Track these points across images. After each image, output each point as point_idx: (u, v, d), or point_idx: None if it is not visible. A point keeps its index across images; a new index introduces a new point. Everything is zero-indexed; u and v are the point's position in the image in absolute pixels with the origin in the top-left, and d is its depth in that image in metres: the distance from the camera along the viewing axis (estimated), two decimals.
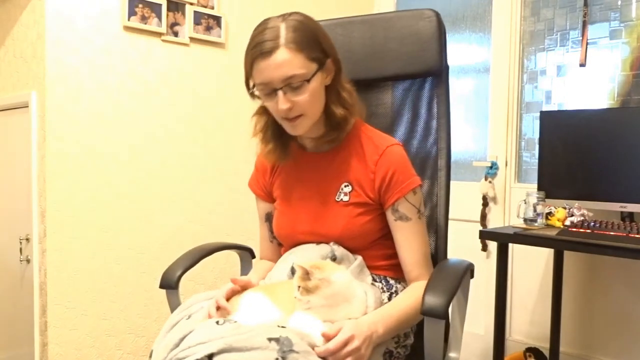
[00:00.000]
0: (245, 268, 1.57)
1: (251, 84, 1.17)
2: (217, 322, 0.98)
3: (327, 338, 0.97)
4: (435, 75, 1.46)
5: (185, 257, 1.38)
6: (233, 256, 1.61)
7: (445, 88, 1.46)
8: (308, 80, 1.12)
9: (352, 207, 1.22)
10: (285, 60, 1.09)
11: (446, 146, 1.43)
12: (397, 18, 1.42)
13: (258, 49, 1.10)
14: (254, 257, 1.57)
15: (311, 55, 1.13)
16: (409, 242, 1.22)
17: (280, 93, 1.11)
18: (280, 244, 1.37)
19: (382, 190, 1.20)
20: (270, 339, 0.91)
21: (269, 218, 1.37)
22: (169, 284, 1.31)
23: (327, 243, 1.21)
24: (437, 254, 1.41)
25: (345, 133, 1.25)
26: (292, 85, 1.11)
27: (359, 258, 1.22)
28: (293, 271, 1.15)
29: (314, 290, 1.01)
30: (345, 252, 1.20)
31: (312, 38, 1.14)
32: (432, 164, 1.44)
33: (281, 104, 1.12)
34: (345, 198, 1.23)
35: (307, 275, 1.01)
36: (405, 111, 1.51)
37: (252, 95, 1.20)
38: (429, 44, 1.43)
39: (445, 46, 1.44)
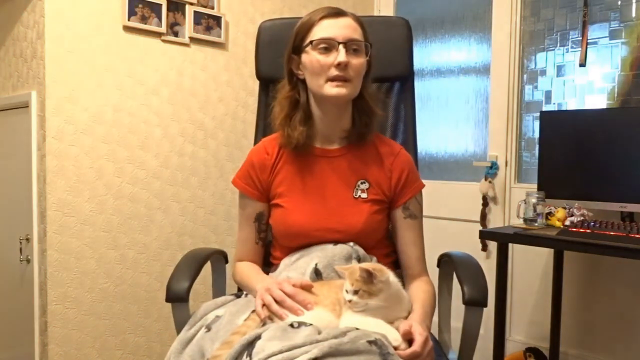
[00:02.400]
0: (218, 272, 1.52)
1: (305, 43, 1.21)
2: (292, 325, 0.95)
3: (407, 336, 0.98)
4: (403, 80, 1.56)
5: (186, 267, 1.32)
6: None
7: (412, 92, 1.56)
8: (364, 49, 1.22)
9: (370, 204, 1.24)
10: (352, 25, 1.21)
11: (413, 146, 1.53)
12: (370, 23, 1.47)
13: (328, 11, 1.21)
14: (227, 261, 1.52)
15: (366, 37, 1.24)
16: (415, 239, 1.27)
17: (342, 47, 1.17)
18: (264, 246, 1.35)
19: (398, 189, 1.26)
20: (370, 342, 0.90)
21: (259, 218, 1.32)
22: (179, 297, 1.23)
23: (344, 242, 1.20)
24: None
25: (372, 131, 1.28)
26: (352, 47, 1.19)
27: (374, 258, 1.23)
28: (317, 273, 1.14)
29: (377, 293, 1.00)
30: (364, 253, 1.21)
31: (366, 29, 1.26)
32: None
33: (342, 56, 1.17)
34: (364, 195, 1.24)
35: (370, 277, 0.99)
36: None
37: (289, 70, 1.26)
38: (399, 50, 1.53)
39: (412, 53, 1.55)
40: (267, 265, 1.35)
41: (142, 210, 2.21)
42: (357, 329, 0.94)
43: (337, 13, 1.21)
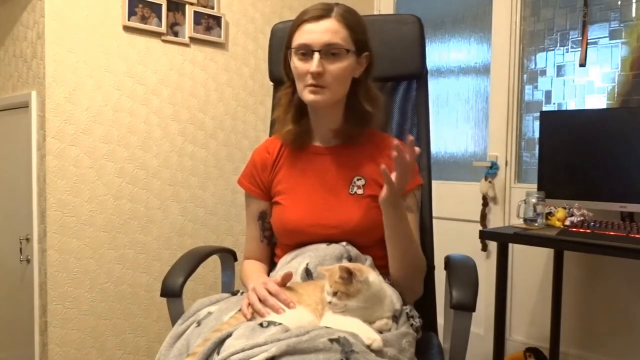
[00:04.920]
0: (227, 270, 1.54)
1: (289, 46, 1.22)
2: (261, 325, 0.95)
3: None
4: (416, 78, 1.53)
5: (183, 263, 1.33)
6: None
7: (425, 91, 1.53)
8: (345, 52, 1.18)
9: (368, 200, 1.24)
10: (331, 29, 1.17)
11: (426, 147, 1.50)
12: (380, 22, 1.46)
13: (308, 14, 1.19)
14: (236, 259, 1.55)
15: (354, 36, 1.20)
16: None
17: (316, 55, 1.16)
18: (270, 244, 1.36)
19: None
20: (331, 340, 0.89)
21: (262, 216, 1.34)
22: (173, 292, 1.25)
23: (339, 240, 1.21)
24: (425, 251, 1.43)
25: (365, 129, 1.27)
26: (329, 51, 1.17)
27: (369, 258, 1.22)
28: (308, 272, 1.15)
29: (355, 294, 0.99)
30: (358, 253, 1.21)
31: (359, 24, 1.22)
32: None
33: (315, 66, 1.16)
34: (360, 191, 1.25)
35: (350, 277, 0.99)
36: (386, 113, 1.54)
37: (287, 66, 1.26)
38: (411, 49, 1.50)
39: (425, 51, 1.51)
40: (274, 264, 1.36)
41: (142, 210, 2.21)
42: (327, 327, 0.94)
43: (320, 16, 1.18)
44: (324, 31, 1.17)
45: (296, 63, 1.20)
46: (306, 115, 1.28)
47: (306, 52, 1.18)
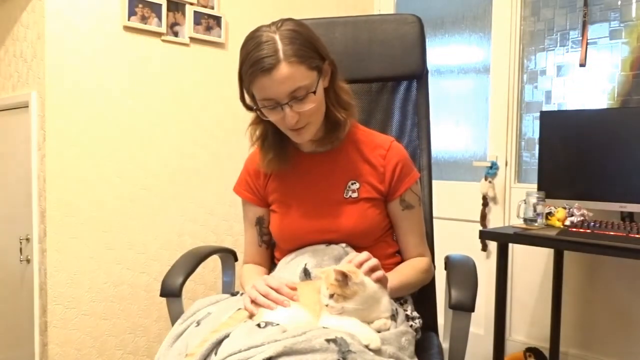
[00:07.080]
0: (227, 270, 1.54)
1: (247, 98, 1.17)
2: (259, 325, 0.95)
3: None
4: (416, 78, 1.53)
5: (183, 263, 1.34)
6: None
7: (425, 91, 1.53)
8: (313, 91, 1.12)
9: (362, 202, 1.24)
10: (288, 75, 1.07)
11: (427, 146, 1.50)
12: (381, 21, 1.45)
13: (258, 66, 1.07)
14: (236, 259, 1.55)
15: (311, 64, 1.11)
16: (413, 228, 1.29)
17: (287, 108, 1.10)
18: (269, 248, 1.36)
19: (393, 182, 1.25)
20: (328, 340, 0.89)
21: (259, 222, 1.35)
22: (172, 291, 1.26)
23: (337, 243, 1.21)
24: None
25: (345, 133, 1.25)
26: (297, 97, 1.10)
27: None
28: (306, 273, 1.15)
29: (352, 296, 0.99)
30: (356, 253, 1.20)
31: (309, 47, 1.12)
32: (415, 164, 1.48)
33: (290, 118, 1.11)
34: (354, 195, 1.24)
35: (345, 279, 0.99)
36: (386, 113, 1.55)
37: (248, 107, 1.20)
38: (411, 48, 1.50)
39: (425, 50, 1.51)
40: (274, 265, 1.36)
41: (142, 210, 2.20)
42: (325, 328, 0.94)
43: (270, 66, 1.06)
44: (281, 82, 1.07)
45: (268, 115, 1.14)
46: (284, 136, 1.24)
47: (273, 105, 1.12)
